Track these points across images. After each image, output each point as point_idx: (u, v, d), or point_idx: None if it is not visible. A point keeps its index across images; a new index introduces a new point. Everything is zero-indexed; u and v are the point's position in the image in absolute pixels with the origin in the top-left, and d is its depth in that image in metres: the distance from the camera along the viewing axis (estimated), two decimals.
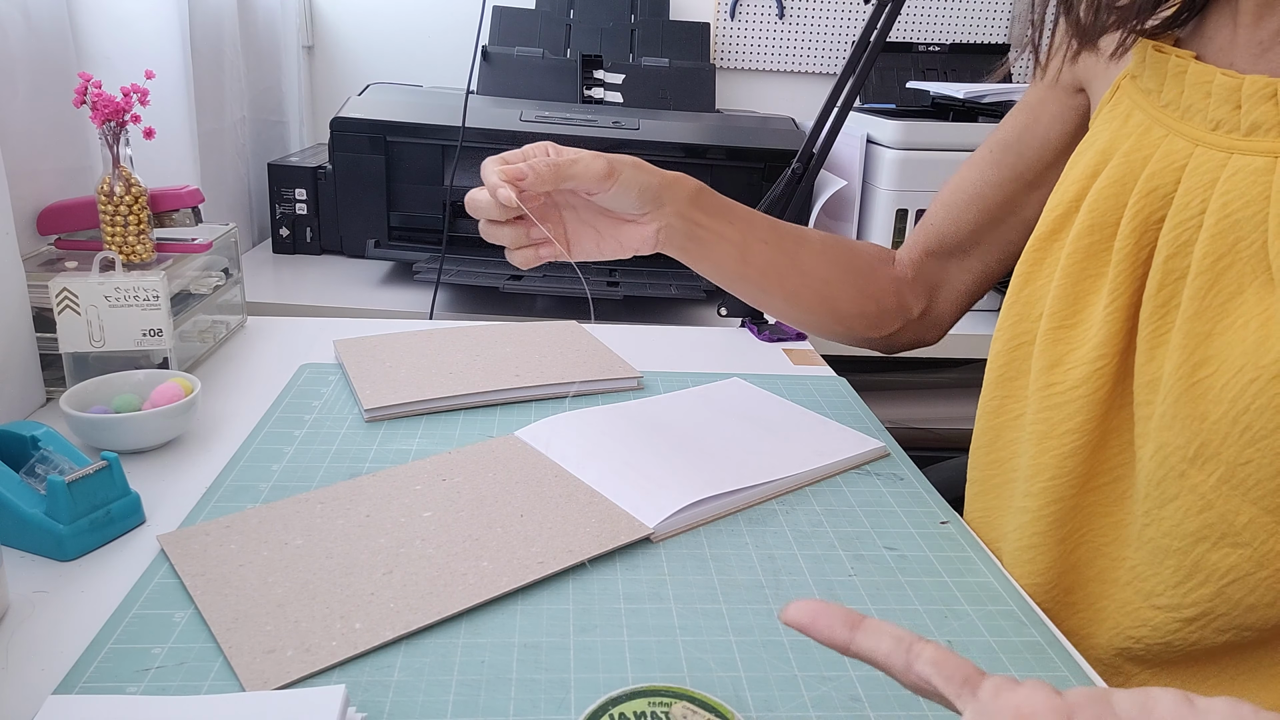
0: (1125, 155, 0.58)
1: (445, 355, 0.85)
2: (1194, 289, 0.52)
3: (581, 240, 0.71)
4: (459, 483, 0.64)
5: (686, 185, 0.71)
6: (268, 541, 0.56)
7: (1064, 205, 0.61)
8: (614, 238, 0.71)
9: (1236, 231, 0.51)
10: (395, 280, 1.33)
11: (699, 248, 0.72)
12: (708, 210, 0.72)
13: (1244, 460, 0.49)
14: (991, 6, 1.84)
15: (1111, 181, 0.58)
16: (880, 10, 0.97)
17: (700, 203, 0.71)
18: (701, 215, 0.71)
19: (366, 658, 0.47)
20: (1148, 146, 0.57)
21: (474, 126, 1.29)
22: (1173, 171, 0.55)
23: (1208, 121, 0.54)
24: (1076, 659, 0.50)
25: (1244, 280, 0.51)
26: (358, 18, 1.74)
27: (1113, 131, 0.60)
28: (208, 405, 0.77)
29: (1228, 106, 0.53)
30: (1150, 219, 0.56)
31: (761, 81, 1.85)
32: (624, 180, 0.66)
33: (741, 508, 0.64)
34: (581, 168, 0.65)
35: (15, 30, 0.82)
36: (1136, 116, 0.59)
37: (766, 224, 0.75)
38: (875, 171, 1.38)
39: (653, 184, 0.68)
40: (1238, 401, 0.49)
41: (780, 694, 0.46)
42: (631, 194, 0.67)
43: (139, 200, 0.81)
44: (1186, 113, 0.55)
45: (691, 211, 0.70)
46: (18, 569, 0.54)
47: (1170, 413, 0.53)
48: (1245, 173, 0.51)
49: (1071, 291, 0.60)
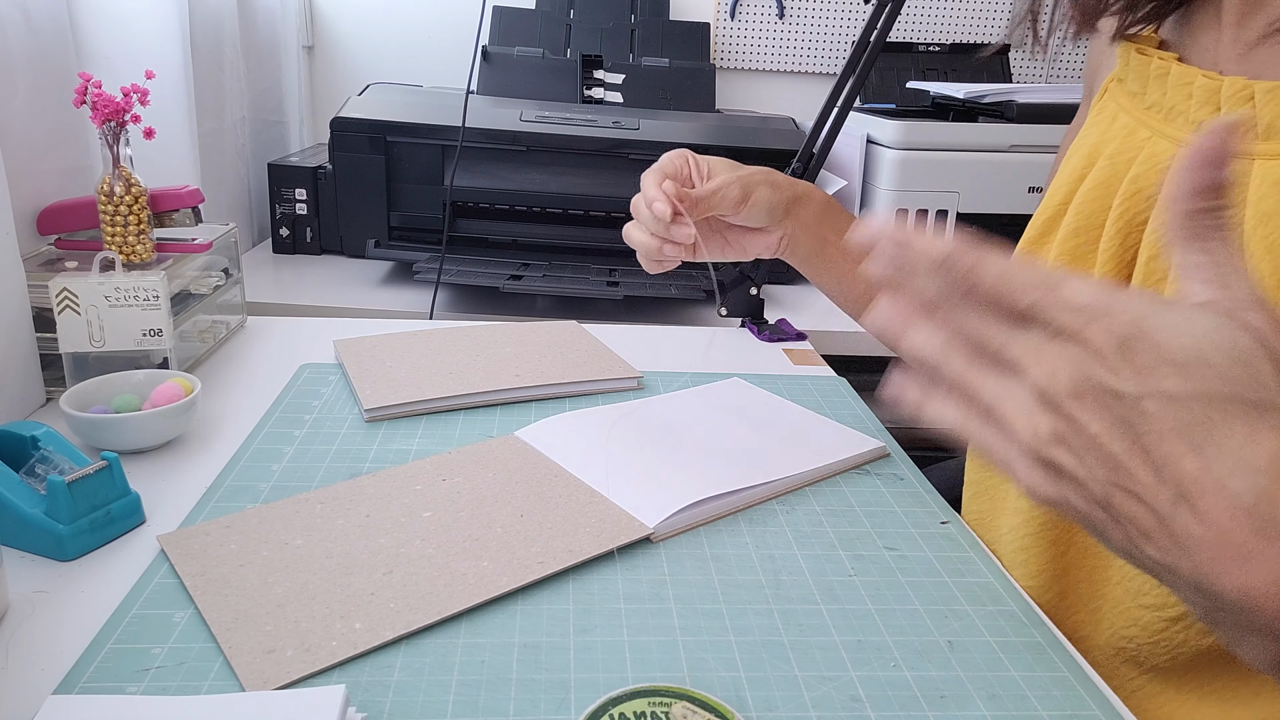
0: (1110, 157, 0.59)
1: (445, 355, 0.85)
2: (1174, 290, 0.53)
3: (709, 245, 0.76)
4: (459, 483, 0.64)
5: (815, 198, 0.74)
6: (268, 541, 0.56)
7: (1052, 208, 0.62)
8: (739, 245, 0.76)
9: None
10: (395, 280, 1.33)
11: (822, 262, 0.76)
12: (834, 224, 0.76)
13: None
14: (991, 6, 1.84)
15: (1097, 184, 0.59)
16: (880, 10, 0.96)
17: (827, 216, 0.75)
18: (826, 229, 0.75)
19: (366, 658, 0.47)
20: (1132, 149, 0.57)
21: (474, 126, 1.29)
22: (1156, 173, 0.55)
23: (1190, 123, 0.55)
24: (1077, 659, 0.50)
25: None
26: (358, 18, 1.74)
27: (1099, 134, 0.61)
28: (208, 405, 0.77)
29: (1208, 108, 0.53)
30: (1134, 220, 0.56)
31: (761, 81, 1.85)
32: (754, 201, 0.71)
33: (741, 508, 0.64)
34: (720, 198, 0.70)
35: (15, 30, 0.82)
36: (1122, 119, 0.59)
37: None
38: (875, 171, 1.38)
39: (782, 201, 0.72)
40: None
41: (780, 694, 0.46)
42: (761, 212, 0.72)
43: (139, 200, 0.81)
44: (1169, 114, 0.56)
45: (816, 225, 0.74)
46: (18, 569, 0.54)
47: None
48: None
49: None
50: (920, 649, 0.50)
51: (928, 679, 0.48)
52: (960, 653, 0.50)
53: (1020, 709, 0.46)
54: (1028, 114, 1.33)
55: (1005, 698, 0.47)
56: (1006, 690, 0.47)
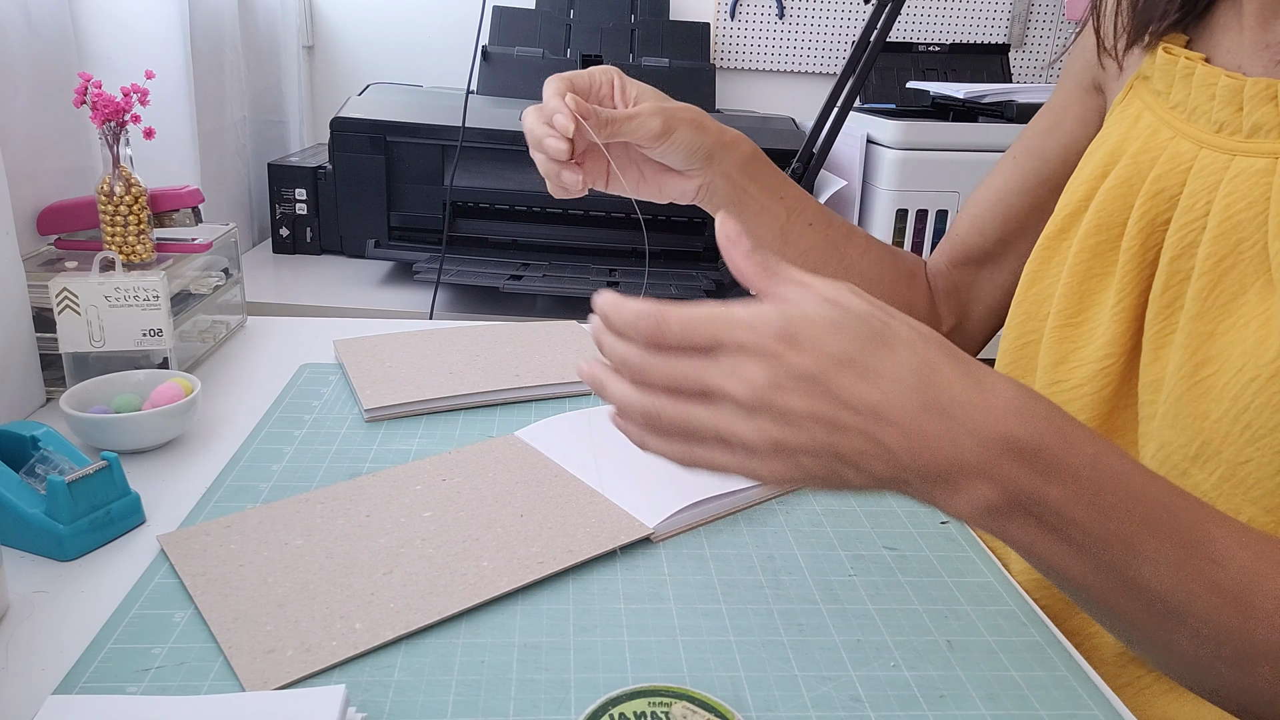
0: (1133, 156, 0.58)
1: (445, 355, 0.85)
2: (1197, 289, 0.53)
3: (626, 175, 0.69)
4: (459, 483, 0.64)
5: (741, 148, 0.69)
6: (268, 541, 0.56)
7: (1073, 205, 0.62)
8: (655, 183, 0.70)
9: (1239, 233, 0.51)
10: (395, 280, 1.33)
11: (739, 213, 0.70)
12: (758, 179, 0.70)
13: (1244, 459, 0.50)
14: (991, 6, 1.84)
15: (1120, 182, 0.59)
16: (880, 10, 0.97)
17: (751, 170, 0.69)
18: (749, 182, 0.69)
19: (366, 658, 0.47)
20: (1155, 148, 0.57)
21: (474, 126, 1.29)
22: (1179, 174, 0.55)
23: (1212, 124, 0.55)
24: (1077, 659, 0.50)
25: (1246, 281, 0.51)
26: (358, 18, 1.74)
27: (1122, 132, 0.61)
28: (208, 405, 0.77)
29: (1231, 109, 0.53)
30: (1156, 220, 0.56)
31: (761, 81, 1.85)
32: (675, 140, 0.65)
33: (741, 508, 0.64)
34: (636, 125, 0.63)
35: (15, 30, 0.82)
36: (1146, 118, 0.59)
37: (816, 208, 0.74)
38: (875, 171, 1.38)
39: (705, 144, 0.66)
40: (1238, 400, 0.50)
41: (780, 694, 0.46)
42: (680, 153, 0.66)
43: (139, 200, 0.81)
44: (1193, 115, 0.56)
45: (739, 177, 0.69)
46: (18, 569, 0.54)
47: (1173, 411, 0.53)
48: (1247, 174, 0.52)
49: (1078, 290, 0.60)
50: (920, 649, 0.50)
51: (928, 679, 0.48)
52: (960, 652, 0.50)
53: (1020, 709, 0.46)
54: (1028, 114, 1.32)
55: (1005, 697, 0.47)
56: (1006, 690, 0.47)
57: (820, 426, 0.39)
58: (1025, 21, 1.86)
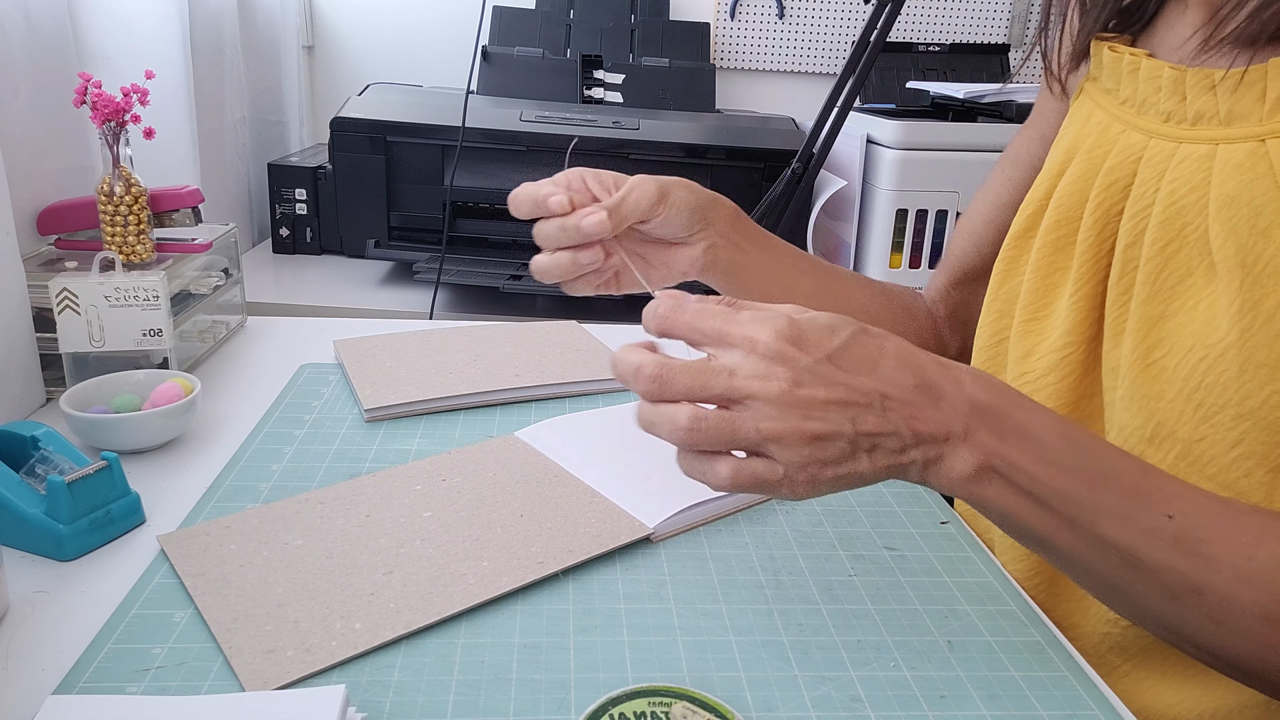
0: (1087, 152, 0.61)
1: (445, 355, 0.85)
2: (1146, 274, 0.55)
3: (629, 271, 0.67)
4: (459, 483, 0.64)
5: (726, 202, 0.69)
6: (268, 541, 0.56)
7: (1034, 204, 0.64)
8: (663, 263, 0.68)
9: (1183, 217, 0.53)
10: (395, 280, 1.33)
11: (742, 272, 0.69)
12: (748, 234, 0.70)
13: (1198, 437, 0.51)
14: (991, 6, 1.84)
15: (1075, 177, 0.61)
16: (880, 10, 0.97)
17: (741, 225, 0.69)
18: (743, 239, 0.69)
19: (366, 658, 0.47)
20: (1107, 142, 0.59)
21: (474, 126, 1.29)
22: (1130, 164, 0.57)
23: (1160, 114, 0.56)
24: (1076, 659, 0.50)
25: (1192, 264, 0.53)
26: (358, 18, 1.74)
27: (1076, 131, 0.63)
28: (208, 405, 0.77)
29: (1175, 98, 0.55)
30: (1110, 211, 0.58)
31: (761, 81, 1.86)
32: (674, 201, 0.63)
33: (741, 508, 0.64)
34: (635, 198, 0.62)
35: (15, 30, 0.82)
36: (1097, 115, 0.61)
37: (801, 254, 0.74)
38: (875, 171, 1.38)
39: (700, 201, 0.66)
40: (1189, 380, 0.51)
41: (780, 694, 0.46)
42: (682, 214, 0.64)
43: (139, 200, 0.81)
44: (1141, 107, 0.58)
45: (734, 234, 0.68)
46: (18, 569, 0.54)
47: (1128, 394, 0.55)
48: (1190, 160, 0.54)
49: (1041, 285, 0.62)
50: (920, 649, 0.50)
51: (927, 679, 0.48)
52: (960, 652, 0.50)
53: (1020, 708, 0.46)
54: (1027, 114, 1.33)
55: (1005, 697, 0.47)
56: (1006, 689, 0.47)
57: (841, 411, 0.44)
58: (1025, 21, 1.86)
